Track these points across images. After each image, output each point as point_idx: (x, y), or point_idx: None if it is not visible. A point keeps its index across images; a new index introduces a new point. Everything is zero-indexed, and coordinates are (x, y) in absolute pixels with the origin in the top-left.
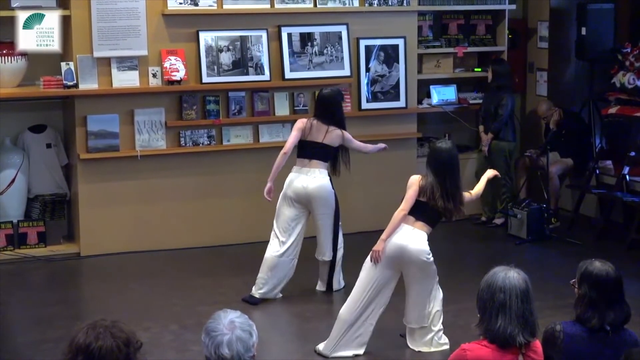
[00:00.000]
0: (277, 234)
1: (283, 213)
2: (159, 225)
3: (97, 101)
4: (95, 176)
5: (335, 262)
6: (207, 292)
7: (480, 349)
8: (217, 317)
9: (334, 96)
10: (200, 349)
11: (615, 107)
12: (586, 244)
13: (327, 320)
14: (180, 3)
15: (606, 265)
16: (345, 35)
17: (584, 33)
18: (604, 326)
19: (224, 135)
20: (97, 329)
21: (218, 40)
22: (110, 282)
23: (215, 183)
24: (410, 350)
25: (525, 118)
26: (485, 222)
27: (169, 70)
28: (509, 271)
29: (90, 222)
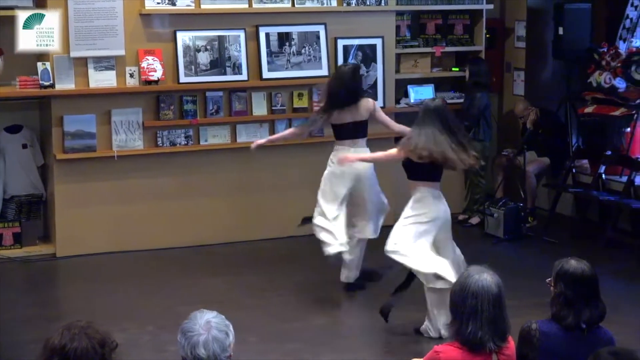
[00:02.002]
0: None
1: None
2: (136, 226)
3: (74, 101)
4: (72, 177)
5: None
6: (185, 292)
7: (452, 351)
8: (194, 318)
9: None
10: (176, 349)
11: (591, 106)
12: (562, 242)
13: (305, 320)
14: (158, 3)
15: (582, 264)
16: (323, 35)
17: (561, 33)
18: (580, 324)
19: (201, 135)
20: (72, 330)
21: (195, 40)
22: (86, 283)
23: (192, 183)
24: (427, 345)
25: (502, 117)
26: (462, 222)
27: (146, 70)
28: (483, 274)
29: (66, 223)
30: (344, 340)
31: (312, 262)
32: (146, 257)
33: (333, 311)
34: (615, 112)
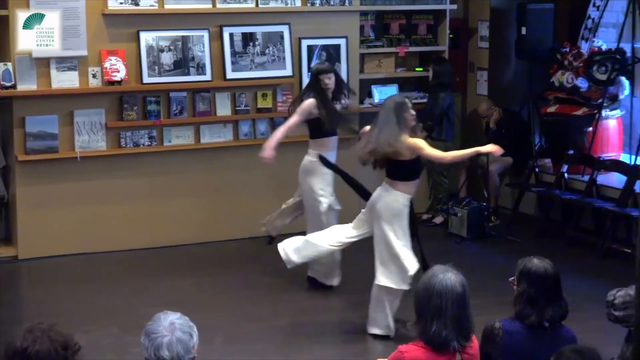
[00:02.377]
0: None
1: None
2: (99, 227)
3: (36, 102)
4: (34, 178)
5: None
6: (149, 294)
7: (416, 350)
8: (157, 319)
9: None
10: (141, 351)
11: (554, 106)
12: (525, 241)
13: (270, 321)
14: (121, 3)
15: (544, 262)
16: (287, 35)
17: (524, 33)
18: (543, 323)
19: (165, 136)
20: (34, 333)
21: (159, 40)
22: (49, 285)
23: (156, 184)
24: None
25: (465, 117)
26: (426, 221)
27: (109, 70)
28: (447, 273)
29: (28, 224)
30: (309, 341)
31: (278, 263)
32: (109, 259)
33: (298, 312)
34: (578, 111)
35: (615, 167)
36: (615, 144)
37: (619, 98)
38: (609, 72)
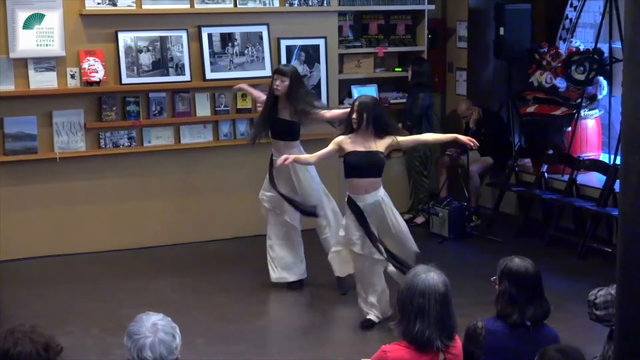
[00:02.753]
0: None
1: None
2: (79, 228)
3: (14, 103)
4: (13, 179)
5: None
6: (129, 295)
7: (399, 350)
8: (140, 320)
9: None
10: (123, 353)
11: (533, 106)
12: (506, 241)
13: (250, 321)
14: (99, 3)
15: (525, 262)
16: (266, 36)
17: (502, 33)
18: (525, 322)
19: (144, 137)
20: (16, 335)
21: (137, 40)
22: (29, 287)
23: (136, 185)
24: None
25: (445, 117)
26: (407, 221)
27: (87, 71)
28: (429, 273)
29: (8, 226)
30: (289, 341)
31: (257, 263)
32: (90, 260)
33: (278, 312)
34: (557, 111)
35: (594, 167)
36: (594, 143)
37: (598, 98)
38: (587, 72)
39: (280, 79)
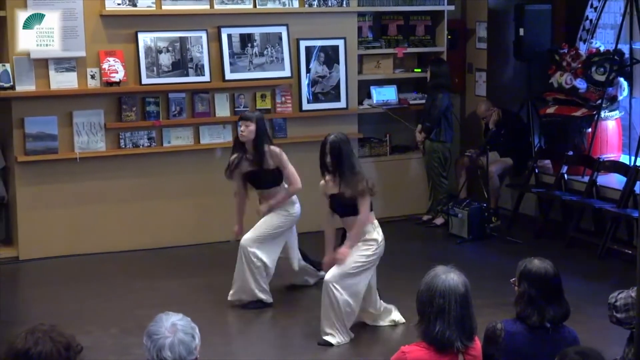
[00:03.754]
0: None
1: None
2: (98, 228)
3: (35, 103)
4: (34, 179)
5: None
6: (148, 295)
7: (419, 351)
8: (159, 320)
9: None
10: (142, 352)
11: (553, 106)
12: (526, 242)
13: (269, 321)
14: (119, 4)
15: (545, 263)
16: (286, 36)
17: (522, 34)
18: (544, 323)
19: (164, 137)
20: (36, 334)
21: (157, 41)
22: (49, 286)
23: (155, 185)
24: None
25: (464, 118)
26: (426, 222)
27: (107, 71)
28: (449, 274)
29: (28, 225)
30: (309, 340)
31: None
32: (109, 260)
33: (297, 311)
34: (577, 112)
35: (614, 168)
36: (614, 144)
37: (618, 99)
38: (607, 73)
39: (243, 124)
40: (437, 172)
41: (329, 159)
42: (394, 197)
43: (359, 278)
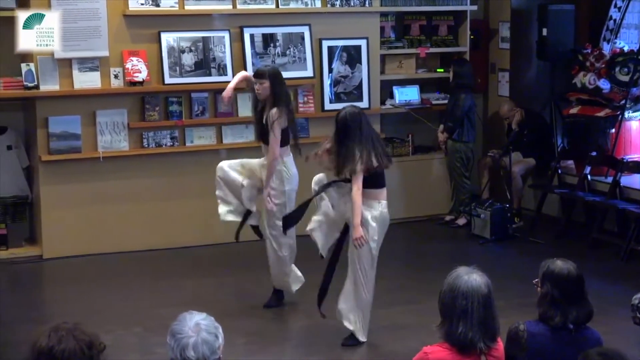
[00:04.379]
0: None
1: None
2: (121, 227)
3: (59, 102)
4: (57, 178)
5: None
6: (171, 294)
7: (441, 352)
8: (183, 319)
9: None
10: (165, 352)
11: (576, 107)
12: (548, 243)
13: (290, 321)
14: (142, 4)
15: (568, 264)
16: (308, 36)
17: (545, 34)
18: (567, 324)
19: (187, 136)
20: (60, 332)
21: (180, 41)
22: (72, 285)
23: (178, 184)
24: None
25: (487, 118)
26: (449, 223)
27: (130, 71)
28: (472, 274)
29: (52, 224)
30: (329, 340)
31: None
32: (131, 259)
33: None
34: (600, 113)
35: (638, 169)
36: (638, 145)
37: None
38: (631, 74)
39: (258, 82)
40: (459, 172)
41: None
42: (416, 198)
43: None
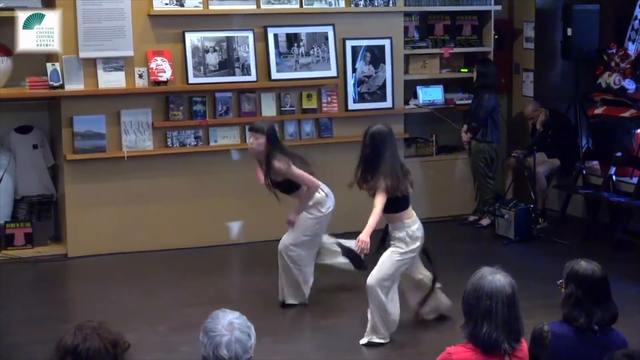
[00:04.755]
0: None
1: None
2: (145, 226)
3: (83, 102)
4: (82, 177)
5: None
6: (194, 293)
7: (465, 352)
8: (216, 317)
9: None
10: (188, 350)
11: (601, 107)
12: (573, 244)
13: (315, 321)
14: (166, 4)
15: (592, 265)
16: (332, 36)
17: (570, 34)
18: (592, 326)
19: (210, 136)
20: (84, 330)
21: (204, 40)
22: (97, 283)
23: (202, 184)
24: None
25: (511, 119)
26: (472, 223)
27: (155, 71)
28: (496, 275)
29: (77, 223)
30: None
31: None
32: (156, 258)
33: (344, 311)
34: (625, 113)
35: None
36: None
37: None
38: None
39: (252, 136)
40: (483, 172)
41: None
42: (440, 198)
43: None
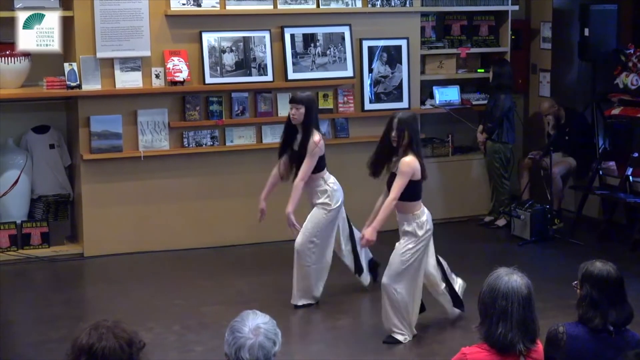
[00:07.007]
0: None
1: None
2: (162, 226)
3: (100, 102)
4: (99, 177)
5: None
6: (210, 293)
7: (480, 353)
8: (246, 318)
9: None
10: (203, 350)
11: (618, 108)
12: (589, 244)
13: (329, 321)
14: (183, 4)
15: (607, 266)
16: (348, 36)
17: (587, 34)
18: (607, 326)
19: (227, 136)
20: (100, 330)
21: (221, 41)
22: (113, 283)
23: (218, 184)
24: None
25: (528, 119)
26: (488, 223)
27: (172, 71)
28: (512, 275)
29: (93, 222)
30: (368, 342)
31: (337, 264)
32: (171, 258)
33: (359, 311)
34: None
35: None
36: None
37: None
38: None
39: (294, 107)
40: (498, 173)
41: (394, 134)
42: (455, 198)
43: (413, 272)
